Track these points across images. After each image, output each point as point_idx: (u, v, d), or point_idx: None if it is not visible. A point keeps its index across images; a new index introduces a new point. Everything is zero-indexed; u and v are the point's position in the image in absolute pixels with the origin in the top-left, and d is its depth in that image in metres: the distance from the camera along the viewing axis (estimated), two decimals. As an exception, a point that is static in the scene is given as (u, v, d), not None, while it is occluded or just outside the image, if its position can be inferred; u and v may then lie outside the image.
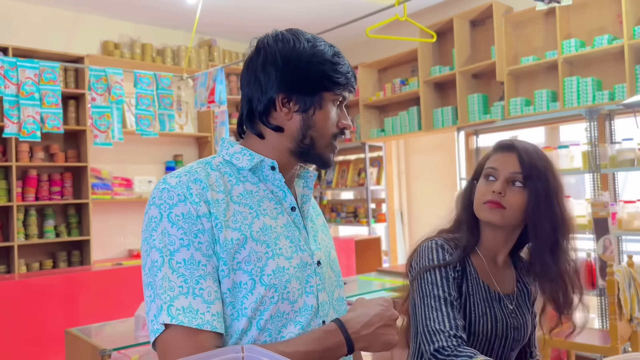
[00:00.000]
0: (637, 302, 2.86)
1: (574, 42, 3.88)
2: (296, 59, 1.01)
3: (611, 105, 3.58)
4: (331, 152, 1.07)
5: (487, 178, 1.33)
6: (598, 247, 3.46)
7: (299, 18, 5.22)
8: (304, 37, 1.04)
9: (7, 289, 3.14)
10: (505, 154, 1.33)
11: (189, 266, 0.90)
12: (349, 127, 1.08)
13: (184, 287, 0.89)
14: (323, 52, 1.02)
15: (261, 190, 1.03)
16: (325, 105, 1.03)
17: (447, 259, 1.30)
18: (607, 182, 3.67)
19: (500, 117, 4.30)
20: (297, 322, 0.99)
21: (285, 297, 0.97)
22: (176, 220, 0.92)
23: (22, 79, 3.45)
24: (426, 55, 4.89)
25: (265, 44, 1.03)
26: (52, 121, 3.55)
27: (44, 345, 3.16)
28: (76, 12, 4.94)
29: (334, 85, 1.03)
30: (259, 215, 0.99)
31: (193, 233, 0.92)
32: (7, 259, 4.42)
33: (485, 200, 1.30)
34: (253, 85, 1.03)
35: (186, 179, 0.96)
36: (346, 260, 4.80)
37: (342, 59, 1.05)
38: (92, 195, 4.69)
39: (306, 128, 1.03)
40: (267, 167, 1.03)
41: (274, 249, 0.98)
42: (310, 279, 1.02)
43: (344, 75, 1.03)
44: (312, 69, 1.01)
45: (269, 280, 0.95)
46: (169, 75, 4.08)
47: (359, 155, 5.83)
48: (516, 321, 1.34)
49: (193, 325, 0.88)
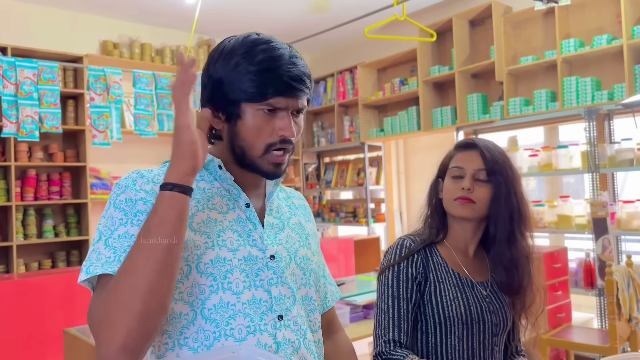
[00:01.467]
0: (636, 302, 2.86)
1: (573, 42, 3.89)
2: (217, 72, 1.03)
3: (610, 105, 3.58)
4: (269, 163, 1.04)
5: (454, 176, 1.41)
6: (597, 247, 3.47)
7: (299, 17, 5.22)
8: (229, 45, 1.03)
9: (6, 288, 3.14)
10: (468, 152, 1.42)
11: (121, 240, 0.94)
12: (288, 136, 1.02)
13: (112, 257, 0.92)
14: (246, 60, 1.00)
15: (215, 188, 1.07)
16: (245, 115, 1.01)
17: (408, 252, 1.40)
18: (606, 182, 3.67)
19: (500, 117, 4.30)
20: (246, 314, 1.00)
21: (227, 288, 0.99)
22: (119, 204, 0.98)
23: (21, 78, 3.44)
24: (425, 55, 4.89)
25: (212, 52, 1.08)
26: (51, 121, 3.55)
27: (42, 345, 3.16)
28: (75, 12, 4.93)
29: (252, 96, 1.00)
30: (204, 209, 1.03)
31: (133, 213, 0.97)
32: (5, 258, 4.42)
33: (455, 197, 1.39)
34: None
35: (135, 176, 1.02)
36: (345, 260, 4.79)
37: (275, 62, 0.99)
38: (91, 195, 4.69)
39: (232, 138, 1.04)
40: (216, 166, 1.07)
41: (215, 240, 1.01)
42: (260, 272, 1.03)
43: (267, 83, 0.99)
44: (226, 82, 1.01)
45: (206, 268, 0.98)
46: (167, 75, 4.08)
47: (358, 155, 5.83)
48: (492, 306, 1.39)
49: (97, 273, 0.91)
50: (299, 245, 1.14)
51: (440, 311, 1.34)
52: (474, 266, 1.44)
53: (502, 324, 1.40)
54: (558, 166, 3.76)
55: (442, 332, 1.35)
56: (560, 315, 3.53)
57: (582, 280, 3.69)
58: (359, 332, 2.39)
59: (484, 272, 1.45)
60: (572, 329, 3.43)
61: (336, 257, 4.71)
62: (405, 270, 1.37)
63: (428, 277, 1.37)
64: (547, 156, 3.83)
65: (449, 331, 1.34)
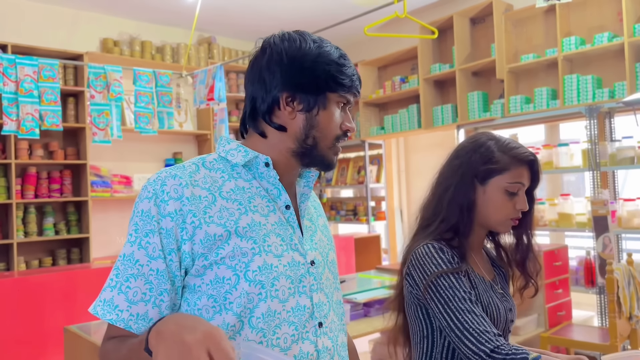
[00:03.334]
0: (637, 300, 2.86)
1: (574, 40, 3.88)
2: (302, 58, 1.00)
3: (611, 103, 3.58)
4: (334, 154, 1.06)
5: (511, 192, 1.35)
6: (598, 245, 3.46)
7: (299, 15, 5.21)
8: (310, 37, 1.04)
9: (7, 286, 3.14)
10: (526, 168, 1.37)
11: (125, 262, 0.93)
12: (352, 130, 1.07)
13: (114, 280, 0.93)
14: (329, 53, 1.02)
15: (254, 187, 1.02)
16: (329, 105, 1.03)
17: (452, 261, 1.30)
18: (606, 180, 3.67)
19: (500, 115, 4.29)
20: (291, 322, 0.98)
21: (274, 295, 0.96)
22: (136, 214, 0.95)
23: (21, 76, 3.44)
24: (426, 53, 4.89)
25: (272, 43, 1.04)
26: (51, 119, 3.55)
27: (43, 343, 3.16)
28: (75, 10, 4.93)
29: (338, 87, 1.02)
30: (247, 211, 0.98)
31: (144, 232, 0.93)
32: (6, 256, 4.42)
33: (512, 217, 1.36)
34: (257, 83, 1.03)
35: (165, 175, 0.96)
36: (346, 258, 4.80)
37: (348, 61, 1.05)
38: (91, 192, 4.69)
39: (309, 128, 1.02)
40: (262, 164, 1.02)
41: (262, 245, 0.96)
42: (303, 279, 1.01)
43: (349, 77, 1.03)
44: (317, 69, 1.00)
45: (254, 276, 0.94)
46: (168, 73, 4.07)
47: (359, 153, 5.83)
48: (507, 303, 1.39)
49: (106, 319, 0.91)
50: (328, 248, 1.14)
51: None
52: (484, 265, 1.44)
53: (514, 320, 1.41)
54: (559, 164, 3.75)
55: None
56: (561, 313, 3.53)
57: (583, 279, 3.69)
58: (360, 329, 2.39)
59: (490, 269, 1.45)
60: (572, 327, 3.43)
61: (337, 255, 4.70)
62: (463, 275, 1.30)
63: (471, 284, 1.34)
64: (547, 154, 3.83)
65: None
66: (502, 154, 1.35)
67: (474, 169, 1.36)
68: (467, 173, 1.37)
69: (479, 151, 1.37)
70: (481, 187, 1.36)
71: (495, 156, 1.35)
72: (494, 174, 1.35)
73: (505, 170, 1.34)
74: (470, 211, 1.36)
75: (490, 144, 1.38)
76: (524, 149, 1.37)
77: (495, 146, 1.37)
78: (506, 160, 1.35)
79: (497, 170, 1.34)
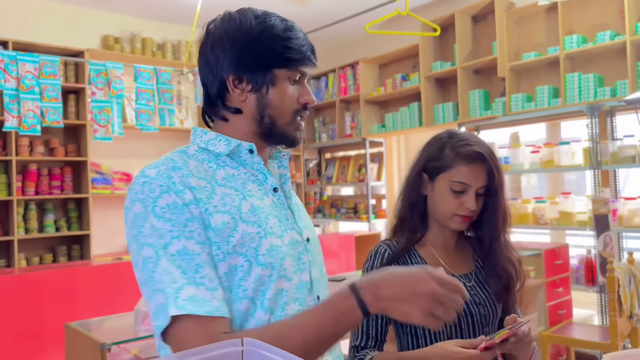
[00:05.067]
0: (637, 298, 2.86)
1: (575, 38, 3.87)
2: (243, 38, 0.99)
3: (613, 102, 3.57)
4: (295, 130, 1.04)
5: (456, 191, 1.31)
6: (598, 243, 3.46)
7: (300, 12, 5.20)
8: (252, 14, 1.02)
9: (7, 283, 3.14)
10: (475, 167, 1.30)
11: (184, 257, 0.89)
12: (311, 102, 1.05)
13: (183, 278, 0.88)
14: (272, 28, 0.99)
15: (242, 174, 1.02)
16: (278, 82, 1.01)
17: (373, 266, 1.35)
18: (608, 179, 3.67)
19: (502, 113, 4.29)
20: (296, 299, 0.99)
21: (283, 275, 0.97)
22: (162, 213, 0.90)
23: (22, 72, 3.44)
24: (427, 51, 4.88)
25: (213, 26, 1.04)
26: (52, 115, 3.55)
27: (43, 340, 3.16)
28: (76, 6, 4.92)
29: (285, 62, 1.00)
30: (245, 196, 0.98)
31: (182, 223, 0.90)
32: (7, 253, 4.42)
33: (458, 214, 1.32)
34: (206, 69, 1.03)
35: (165, 169, 0.94)
36: (346, 256, 4.80)
37: (296, 32, 1.01)
38: (92, 189, 4.69)
39: (263, 107, 1.01)
40: (245, 151, 1.02)
41: (266, 228, 0.97)
42: (302, 256, 1.02)
43: (296, 50, 1.00)
44: (259, 46, 0.99)
45: (265, 259, 0.94)
46: (169, 70, 4.07)
47: (360, 151, 5.82)
48: (477, 297, 1.34)
49: (203, 313, 0.86)
50: (312, 225, 1.15)
51: None
52: (456, 259, 1.40)
53: (491, 313, 1.36)
54: (560, 163, 3.75)
55: (431, 333, 1.31)
56: (561, 311, 3.53)
57: (583, 277, 3.69)
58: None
59: (467, 263, 1.41)
60: (572, 325, 3.43)
61: (337, 253, 4.71)
62: None
63: None
64: (549, 153, 3.82)
65: (438, 331, 1.30)
66: (450, 151, 1.33)
67: (425, 164, 1.37)
68: (419, 168, 1.38)
69: (433, 146, 1.38)
70: (430, 182, 1.36)
71: (443, 153, 1.34)
72: (440, 171, 1.33)
73: (449, 168, 1.31)
74: (419, 206, 1.37)
75: (444, 140, 1.36)
76: (472, 147, 1.31)
77: (448, 142, 1.35)
78: (451, 157, 1.32)
79: (441, 167, 1.33)
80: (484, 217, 1.35)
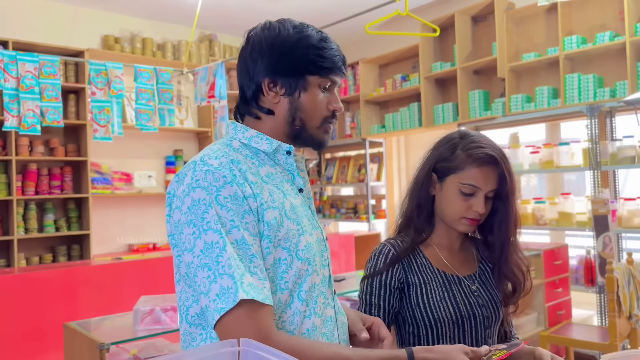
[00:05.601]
0: (637, 299, 2.86)
1: (575, 39, 3.87)
2: (280, 45, 1.06)
3: (612, 102, 3.57)
4: (324, 133, 1.12)
5: (465, 193, 1.29)
6: (598, 244, 3.46)
7: (300, 13, 5.20)
8: (291, 24, 1.09)
9: (7, 282, 3.14)
10: (487, 169, 1.28)
11: (242, 247, 0.95)
12: (339, 110, 1.12)
13: (241, 266, 0.93)
14: (308, 38, 1.07)
15: (278, 173, 1.09)
16: (310, 88, 1.08)
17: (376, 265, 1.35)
18: (607, 180, 3.67)
19: (501, 114, 4.29)
20: (321, 292, 1.09)
21: (315, 270, 1.06)
22: (225, 202, 0.96)
23: (22, 72, 3.44)
24: (427, 51, 4.88)
25: (254, 33, 1.11)
26: (52, 115, 3.55)
27: (43, 339, 3.17)
28: (76, 6, 4.92)
29: (318, 69, 1.07)
30: (285, 195, 1.06)
31: (241, 214, 0.96)
32: (6, 252, 4.42)
33: (466, 217, 1.31)
34: (243, 72, 1.11)
35: (226, 161, 1.00)
36: (346, 256, 4.80)
37: (330, 43, 1.09)
38: (92, 189, 4.69)
39: (294, 110, 1.08)
40: (283, 152, 1.10)
41: (302, 226, 1.05)
42: (324, 253, 1.12)
43: (329, 59, 1.08)
44: (295, 53, 1.06)
45: (303, 254, 1.03)
46: (169, 70, 4.07)
47: (360, 151, 5.82)
48: (481, 299, 1.34)
49: (260, 299, 0.92)
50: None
51: (430, 313, 1.30)
52: (460, 260, 1.39)
53: (493, 315, 1.35)
54: (559, 163, 3.75)
55: (433, 334, 1.31)
56: (561, 312, 3.54)
57: (583, 278, 3.69)
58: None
59: (471, 264, 1.40)
60: (572, 326, 3.43)
61: (337, 253, 4.71)
62: (386, 281, 1.33)
63: (412, 281, 1.33)
64: (548, 153, 3.82)
65: (441, 332, 1.30)
66: (461, 152, 1.31)
67: (435, 164, 1.35)
68: (429, 167, 1.36)
69: (444, 146, 1.37)
70: (439, 183, 1.35)
71: (454, 154, 1.32)
72: (450, 172, 1.32)
73: (460, 170, 1.30)
74: (427, 205, 1.36)
75: (455, 141, 1.35)
76: (484, 150, 1.28)
77: (460, 143, 1.33)
78: (462, 158, 1.30)
79: (452, 168, 1.32)
80: (494, 221, 1.34)
